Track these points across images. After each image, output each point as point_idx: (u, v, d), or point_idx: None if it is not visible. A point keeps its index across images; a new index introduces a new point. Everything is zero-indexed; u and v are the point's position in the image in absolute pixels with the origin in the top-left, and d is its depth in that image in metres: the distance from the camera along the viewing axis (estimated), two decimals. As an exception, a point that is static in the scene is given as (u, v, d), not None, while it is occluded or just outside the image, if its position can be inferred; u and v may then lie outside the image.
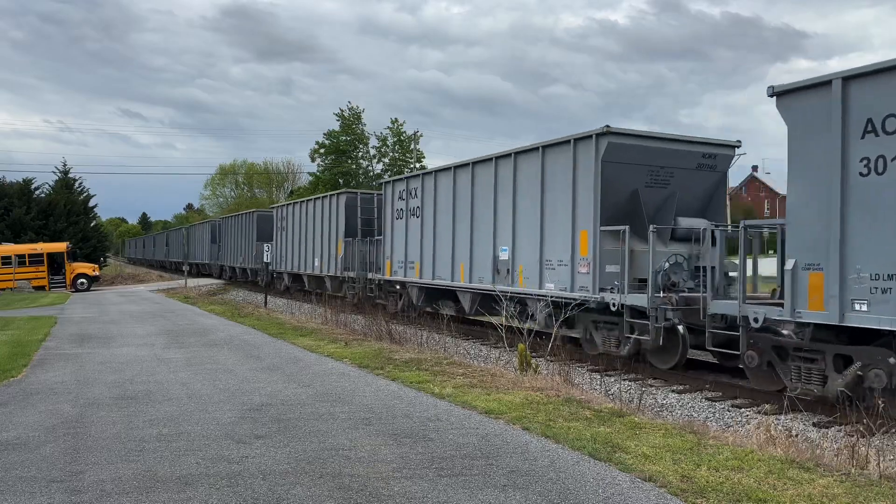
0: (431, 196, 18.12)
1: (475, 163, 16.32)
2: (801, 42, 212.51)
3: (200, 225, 53.48)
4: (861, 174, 8.09)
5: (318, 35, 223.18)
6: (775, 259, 10.65)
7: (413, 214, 19.11)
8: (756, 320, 9.39)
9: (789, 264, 8.83)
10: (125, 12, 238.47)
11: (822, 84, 8.45)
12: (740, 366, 10.04)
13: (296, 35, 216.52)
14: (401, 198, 19.85)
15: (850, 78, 8.19)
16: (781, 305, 9.06)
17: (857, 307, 8.11)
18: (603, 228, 12.20)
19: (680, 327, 11.20)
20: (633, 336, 11.67)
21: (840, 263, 8.22)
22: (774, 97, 9.06)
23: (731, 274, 11.95)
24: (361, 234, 23.77)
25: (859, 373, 8.38)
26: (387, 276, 20.51)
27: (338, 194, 25.81)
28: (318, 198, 27.89)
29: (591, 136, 12.39)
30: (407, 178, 20.06)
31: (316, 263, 27.21)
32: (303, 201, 29.70)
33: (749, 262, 10.72)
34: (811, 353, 8.94)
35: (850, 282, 8.17)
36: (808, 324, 8.81)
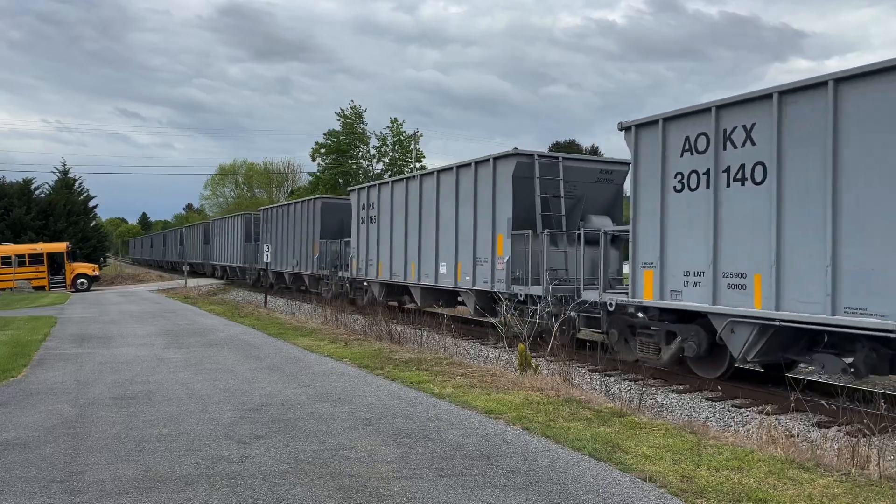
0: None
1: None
2: (800, 42, 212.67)
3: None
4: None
5: (316, 35, 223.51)
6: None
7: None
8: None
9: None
10: (122, 12, 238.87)
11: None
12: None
13: (293, 35, 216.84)
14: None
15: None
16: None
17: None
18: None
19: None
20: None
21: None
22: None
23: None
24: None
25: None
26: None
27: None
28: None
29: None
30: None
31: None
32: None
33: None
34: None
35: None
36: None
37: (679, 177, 10.41)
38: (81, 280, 36.95)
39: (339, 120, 57.60)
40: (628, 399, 8.96)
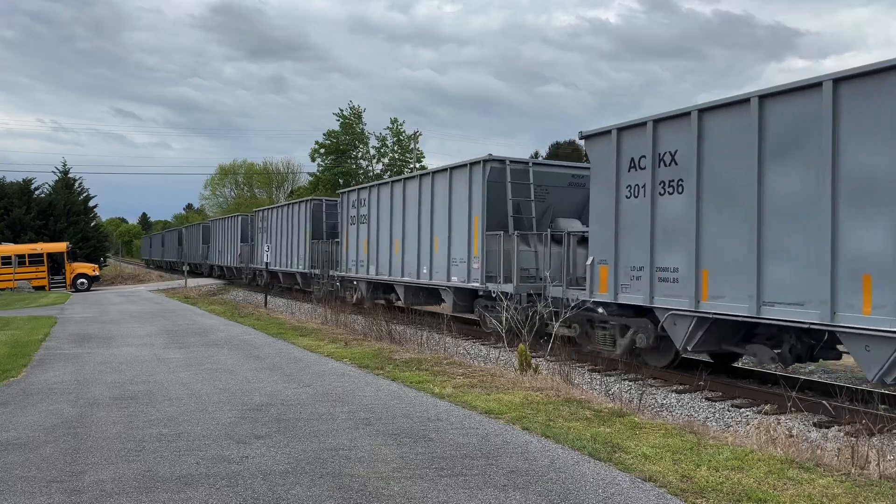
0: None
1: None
2: (796, 41, 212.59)
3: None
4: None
5: (308, 33, 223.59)
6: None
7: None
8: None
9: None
10: (115, 10, 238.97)
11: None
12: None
13: (285, 33, 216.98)
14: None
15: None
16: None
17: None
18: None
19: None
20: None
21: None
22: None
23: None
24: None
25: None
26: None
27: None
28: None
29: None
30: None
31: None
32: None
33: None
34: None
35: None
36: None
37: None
38: (81, 280, 36.96)
39: (338, 120, 57.66)
40: (628, 399, 8.97)
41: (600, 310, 12.19)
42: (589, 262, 12.15)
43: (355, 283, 23.19)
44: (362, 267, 22.17)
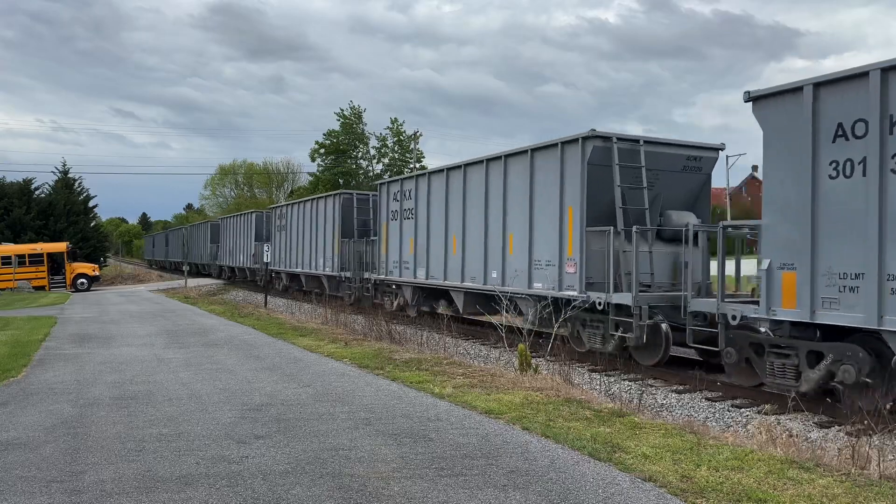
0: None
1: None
2: (795, 40, 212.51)
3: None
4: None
5: (308, 33, 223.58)
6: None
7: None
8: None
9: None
10: (114, 10, 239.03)
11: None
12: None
13: (284, 33, 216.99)
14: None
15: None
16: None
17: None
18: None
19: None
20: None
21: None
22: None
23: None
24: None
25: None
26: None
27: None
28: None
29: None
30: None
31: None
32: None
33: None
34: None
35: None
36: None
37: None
38: (81, 280, 36.95)
39: (338, 120, 57.67)
40: (628, 399, 8.96)
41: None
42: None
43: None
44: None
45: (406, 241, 19.39)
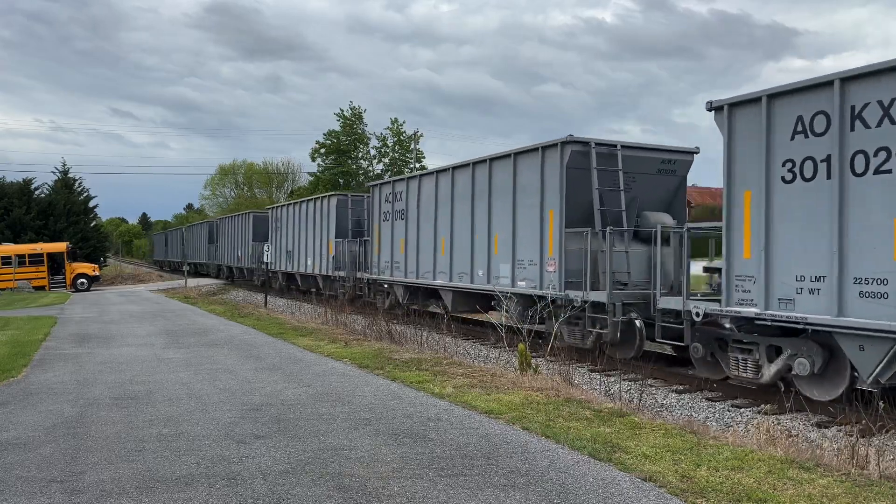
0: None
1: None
2: (794, 40, 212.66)
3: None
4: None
5: (305, 33, 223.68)
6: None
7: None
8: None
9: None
10: (112, 10, 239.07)
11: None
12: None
13: (281, 33, 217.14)
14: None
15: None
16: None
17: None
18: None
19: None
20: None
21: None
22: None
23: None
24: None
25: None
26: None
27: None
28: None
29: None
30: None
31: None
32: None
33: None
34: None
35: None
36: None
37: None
38: (81, 280, 36.94)
39: (338, 120, 57.65)
40: (628, 399, 8.96)
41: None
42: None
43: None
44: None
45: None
